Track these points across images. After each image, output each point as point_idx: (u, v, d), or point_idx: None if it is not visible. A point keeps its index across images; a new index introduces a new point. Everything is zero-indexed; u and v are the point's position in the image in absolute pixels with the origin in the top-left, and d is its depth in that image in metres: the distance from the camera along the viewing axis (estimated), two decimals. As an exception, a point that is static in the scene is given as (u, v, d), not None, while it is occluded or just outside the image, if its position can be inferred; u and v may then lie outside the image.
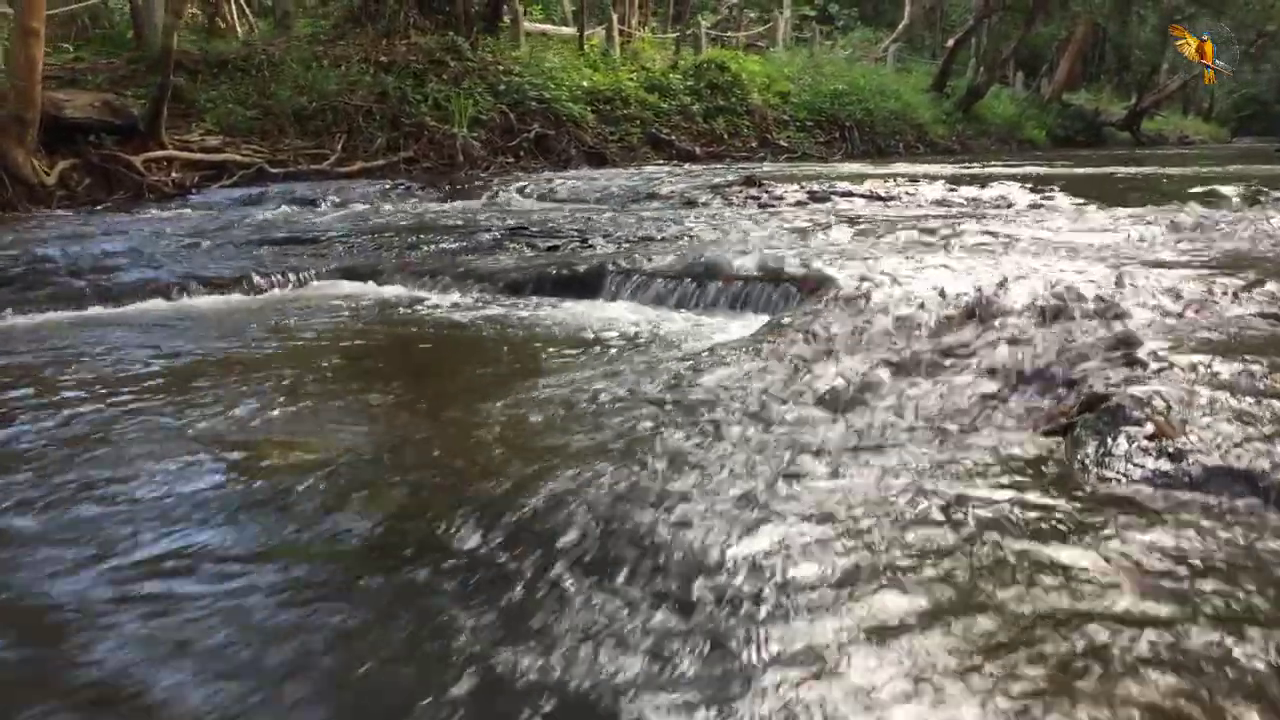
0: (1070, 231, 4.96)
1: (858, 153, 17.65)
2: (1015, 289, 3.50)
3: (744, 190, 7.69)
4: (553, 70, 14.05)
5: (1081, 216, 5.81)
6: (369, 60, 11.57)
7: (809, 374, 2.86)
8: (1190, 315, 3.14)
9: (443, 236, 5.58)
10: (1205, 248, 4.32)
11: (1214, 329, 2.89)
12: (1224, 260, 3.91)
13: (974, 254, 4.27)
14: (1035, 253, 4.23)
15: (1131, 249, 4.32)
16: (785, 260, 4.19)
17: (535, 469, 2.13)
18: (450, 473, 2.19)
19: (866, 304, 3.56)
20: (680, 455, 2.19)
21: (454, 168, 10.93)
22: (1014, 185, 7.16)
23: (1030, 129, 26.15)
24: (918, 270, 3.88)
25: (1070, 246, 4.45)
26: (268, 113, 10.43)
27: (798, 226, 5.67)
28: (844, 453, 2.21)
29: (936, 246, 4.61)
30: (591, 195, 8.35)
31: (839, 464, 2.13)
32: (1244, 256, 4.07)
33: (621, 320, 3.82)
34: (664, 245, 5.01)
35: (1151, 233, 4.74)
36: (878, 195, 7.26)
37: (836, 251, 4.45)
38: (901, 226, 5.44)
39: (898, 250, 4.47)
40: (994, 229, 5.08)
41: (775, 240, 5.02)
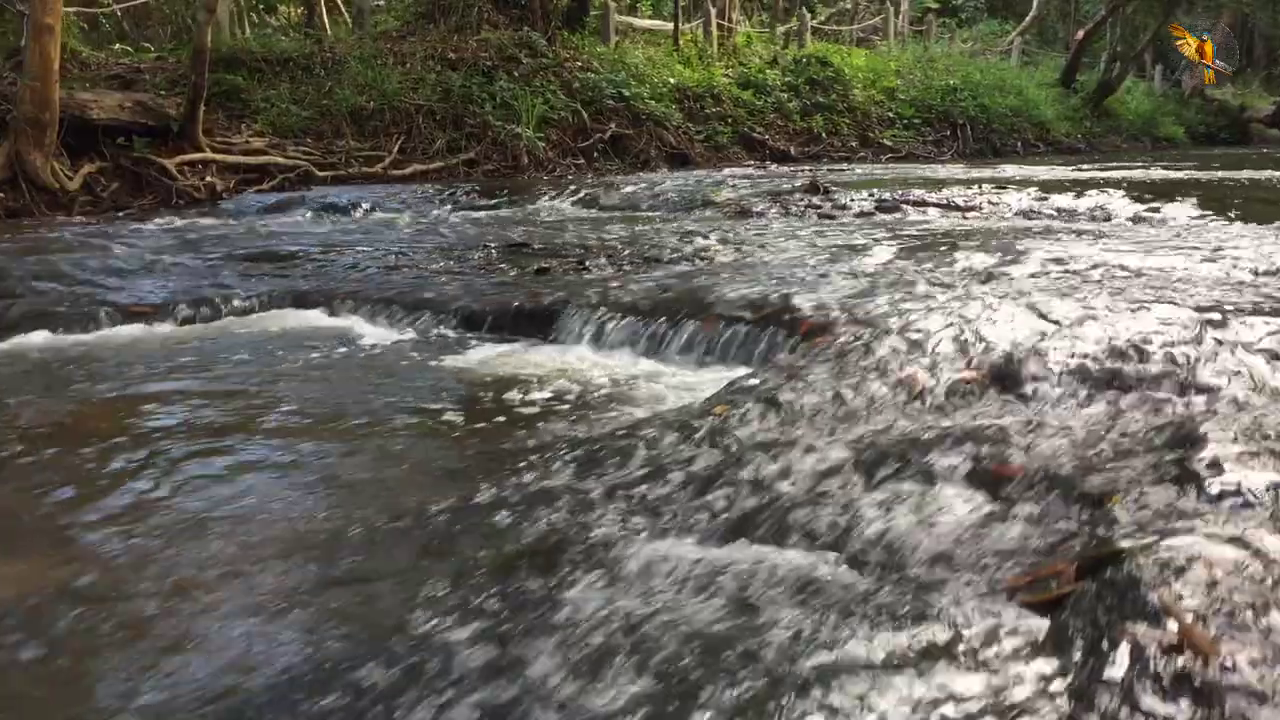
0: (1168, 254, 4.02)
1: (970, 153, 16.49)
2: (1064, 342, 2.65)
3: (806, 198, 6.87)
4: (637, 67, 13.37)
5: (1190, 234, 4.83)
6: (435, 57, 11.05)
7: (738, 473, 2.08)
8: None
9: (432, 255, 4.93)
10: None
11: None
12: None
13: (1035, 287, 3.41)
14: (1113, 287, 3.34)
15: (1241, 284, 3.40)
16: (792, 294, 3.39)
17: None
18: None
19: (864, 359, 2.75)
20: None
21: (518, 170, 10.33)
22: (1118, 193, 6.16)
23: (1167, 125, 24.41)
24: (951, 310, 3.05)
25: (1162, 278, 3.54)
26: (324, 113, 9.99)
27: (842, 244, 4.84)
28: (700, 643, 1.44)
29: (993, 274, 3.75)
30: (644, 202, 7.62)
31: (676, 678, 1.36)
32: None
33: (570, 371, 3.09)
34: (667, 269, 4.26)
35: (1274, 261, 3.78)
36: (955, 205, 6.35)
37: (865, 281, 3.63)
38: (963, 246, 4.57)
39: (941, 279, 3.62)
40: (1075, 250, 4.18)
41: (801, 263, 4.21)
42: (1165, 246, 4.29)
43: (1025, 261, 4.01)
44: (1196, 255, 3.95)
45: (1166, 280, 3.39)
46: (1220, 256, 3.91)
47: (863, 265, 4.09)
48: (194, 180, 7.94)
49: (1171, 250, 4.11)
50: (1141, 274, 3.64)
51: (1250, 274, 3.57)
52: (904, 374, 2.63)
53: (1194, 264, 3.76)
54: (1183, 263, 3.79)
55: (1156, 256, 3.96)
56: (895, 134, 15.85)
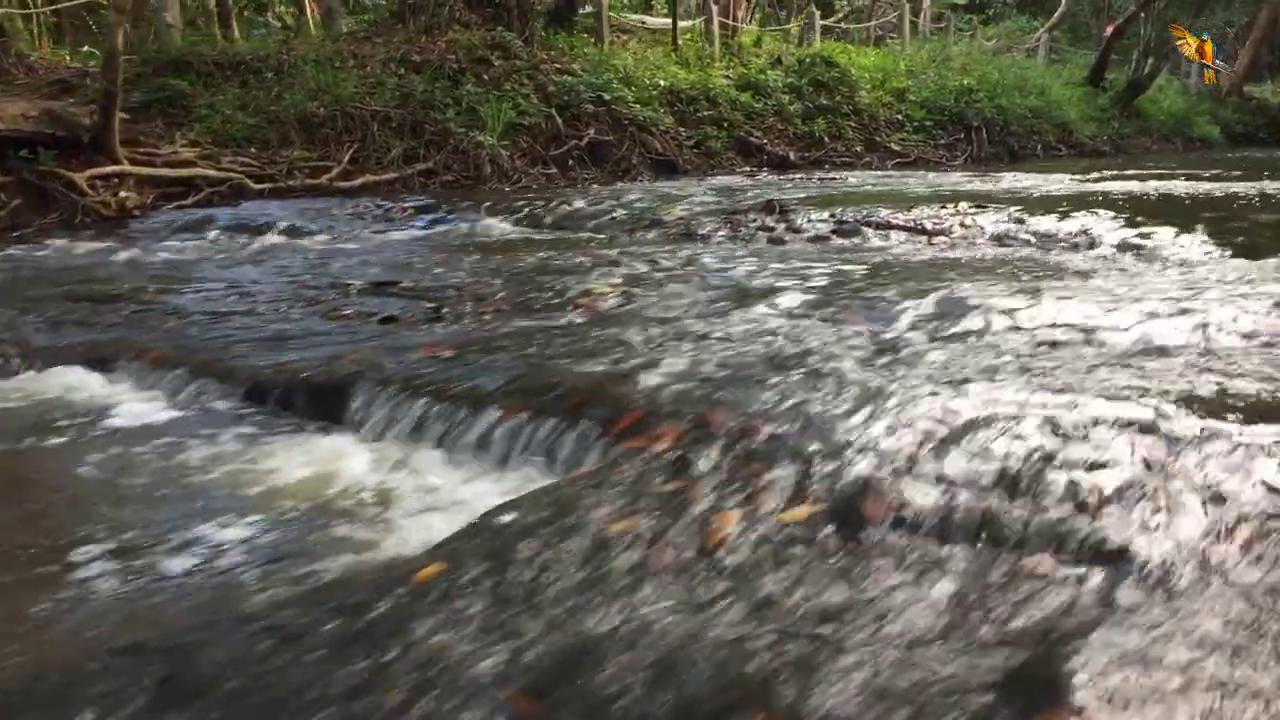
0: (1139, 306, 3.23)
1: (984, 157, 15.61)
2: (944, 461, 1.91)
3: (760, 219, 6.10)
4: (626, 68, 12.62)
5: (1177, 273, 4.03)
6: (397, 59, 10.35)
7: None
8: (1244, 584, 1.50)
9: (285, 296, 4.21)
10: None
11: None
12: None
13: (952, 360, 2.64)
14: (1051, 364, 2.56)
15: (1211, 363, 2.61)
16: (642, 366, 2.65)
17: None
18: None
19: (670, 480, 2.02)
20: None
21: (479, 181, 9.60)
22: (1109, 214, 5.34)
23: (1202, 125, 23.36)
24: (826, 401, 2.30)
25: (1119, 349, 2.76)
26: (272, 120, 9.32)
27: (763, 283, 4.07)
28: None
29: (909, 342, 2.97)
30: (589, 221, 6.88)
31: None
32: None
33: (323, 481, 2.36)
34: (534, 320, 3.51)
35: (1265, 325, 2.98)
36: (922, 228, 5.56)
37: (748, 346, 2.87)
38: (902, 288, 3.80)
39: (843, 345, 2.85)
40: (1031, 299, 3.40)
41: (691, 314, 3.44)
42: (1141, 293, 3.49)
43: (961, 317, 3.23)
44: (1174, 310, 3.15)
45: (1120, 356, 2.61)
46: (1202, 311, 3.11)
47: (765, 318, 3.33)
48: (105, 196, 7.28)
49: (1145, 300, 3.32)
50: (1096, 340, 2.85)
51: (1234, 341, 2.78)
52: (710, 514, 1.88)
53: (1166, 326, 2.97)
54: (1152, 325, 3.00)
55: (1125, 310, 3.17)
56: (904, 137, 15.00)
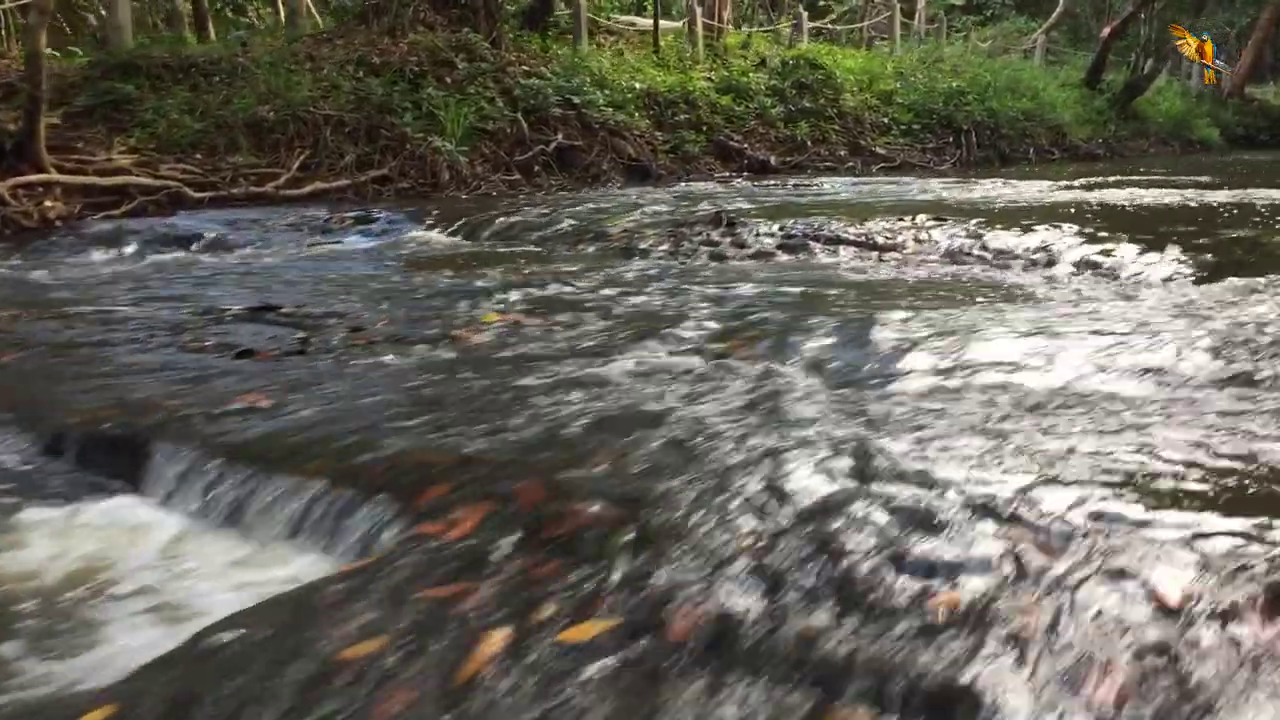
0: (1074, 341, 2.86)
1: (974, 161, 15.21)
2: (775, 562, 1.55)
3: (706, 232, 5.72)
4: (600, 70, 12.25)
5: (1130, 297, 3.65)
6: (355, 62, 9.98)
7: None
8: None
9: (161, 320, 3.83)
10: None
11: None
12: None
13: (832, 416, 2.26)
14: (949, 420, 2.18)
15: (1140, 405, 2.24)
16: (472, 430, 2.29)
17: None
18: None
19: (446, 581, 1.64)
20: None
21: (437, 188, 9.22)
22: (1073, 229, 4.95)
23: (1201, 128, 22.93)
24: (654, 475, 1.93)
25: (1035, 398, 2.38)
26: (221, 125, 8.96)
27: (677, 309, 3.70)
28: None
29: (792, 390, 2.59)
30: (532, 233, 6.50)
31: None
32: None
33: (80, 559, 1.99)
34: (402, 354, 3.13)
35: (1216, 366, 2.60)
36: (873, 243, 5.18)
37: (598, 399, 2.50)
38: (822, 311, 3.43)
39: (708, 396, 2.48)
40: (965, 337, 3.02)
41: (572, 354, 3.06)
42: (1083, 324, 3.11)
43: (867, 360, 2.85)
44: (1108, 348, 2.77)
45: (1029, 411, 2.22)
46: (1139, 350, 2.73)
47: (650, 359, 2.95)
48: (28, 206, 6.91)
49: (1082, 336, 2.94)
50: (1009, 389, 2.47)
51: (1162, 393, 2.40)
52: (477, 632, 1.51)
53: (1092, 370, 2.59)
54: (1077, 369, 2.62)
55: (1055, 348, 2.79)
56: (890, 141, 14.59)
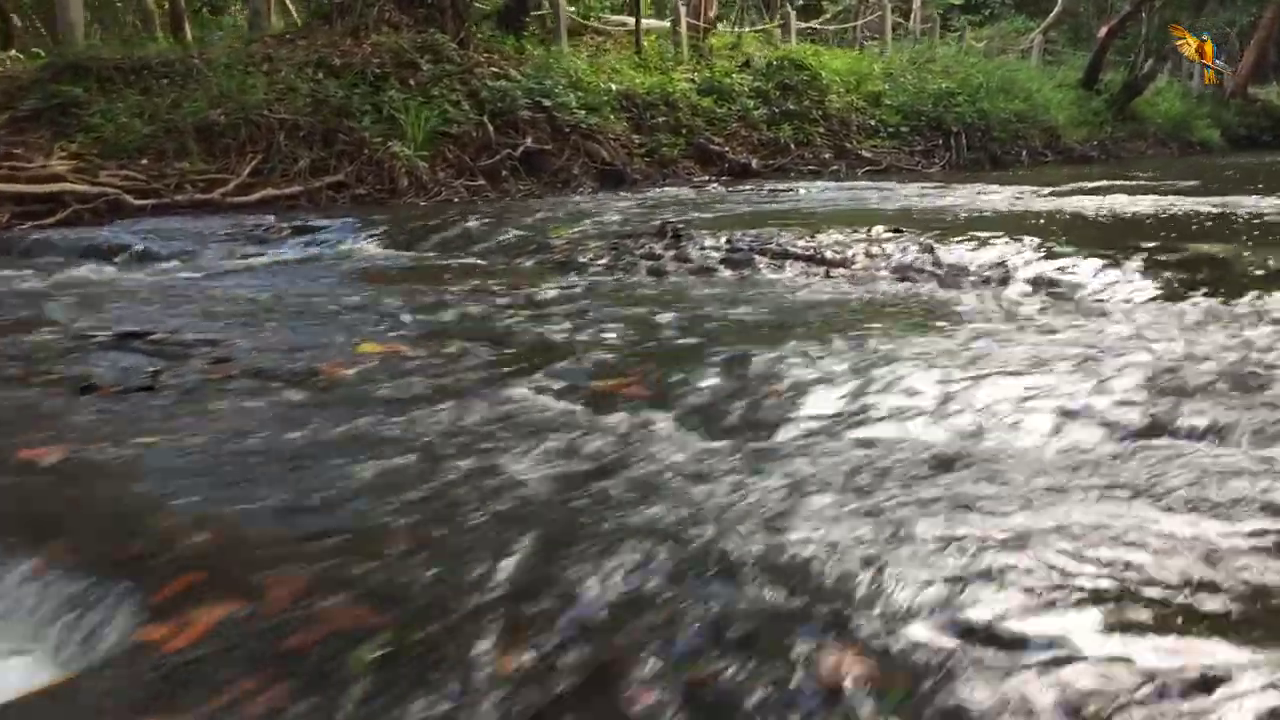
0: (1005, 379, 2.52)
1: (964, 163, 14.87)
2: None
3: (649, 245, 5.39)
4: (576, 72, 11.92)
5: (1080, 320, 3.31)
6: (314, 63, 9.66)
7: None
8: None
9: (6, 351, 3.52)
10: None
11: None
12: None
13: (674, 488, 1.92)
14: (807, 513, 1.83)
15: (1058, 470, 1.90)
16: (241, 496, 1.96)
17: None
18: None
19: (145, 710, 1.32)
20: None
21: (395, 194, 8.90)
22: (1034, 242, 4.60)
23: (1202, 129, 22.59)
24: (432, 573, 1.61)
25: (929, 453, 2.04)
26: (170, 129, 8.64)
27: (568, 342, 3.37)
28: None
29: (636, 452, 2.25)
30: (475, 244, 6.16)
31: None
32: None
33: None
34: (239, 401, 2.80)
35: (1137, 417, 2.25)
36: (821, 258, 4.84)
37: (425, 459, 2.17)
38: (735, 340, 3.10)
39: (540, 461, 2.14)
40: (858, 378, 2.69)
41: (435, 390, 2.72)
42: (1021, 356, 2.78)
43: (768, 400, 2.52)
44: (1040, 387, 2.44)
45: (916, 479, 1.88)
46: (1073, 390, 2.40)
47: (519, 404, 2.61)
48: (-49, 215, 6.61)
49: (1016, 372, 2.60)
50: (902, 446, 2.13)
51: (1082, 453, 2.06)
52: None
53: (1010, 420, 2.26)
54: (996, 418, 2.29)
55: (981, 388, 2.46)
56: (878, 143, 14.25)
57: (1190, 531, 1.57)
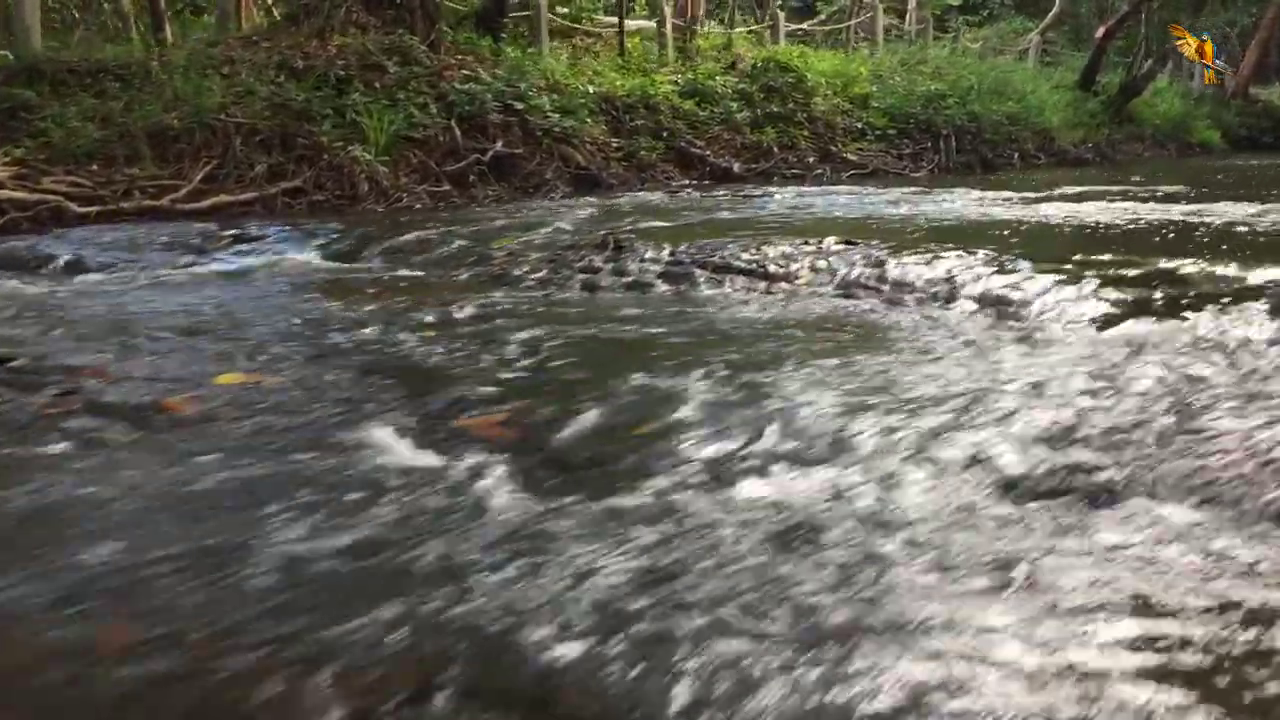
0: (916, 415, 2.26)
1: (954, 166, 14.56)
2: None
3: (588, 258, 5.12)
4: (553, 74, 11.65)
5: (1016, 348, 3.04)
6: (277, 66, 9.39)
7: None
8: None
9: None
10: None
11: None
12: None
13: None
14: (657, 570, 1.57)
15: (948, 526, 1.63)
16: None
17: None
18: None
19: None
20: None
21: (355, 200, 8.63)
22: (983, 258, 4.32)
23: (1201, 130, 22.24)
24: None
25: (782, 525, 1.77)
26: (123, 134, 8.38)
27: (461, 369, 3.10)
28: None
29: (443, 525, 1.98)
30: (417, 256, 5.89)
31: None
32: None
33: None
34: (55, 447, 2.54)
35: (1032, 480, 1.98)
36: (764, 272, 4.56)
37: (213, 526, 1.90)
38: (648, 363, 2.83)
39: (397, 512, 1.88)
40: (761, 408, 2.42)
41: (274, 436, 2.45)
42: (935, 391, 2.51)
43: (642, 445, 2.26)
44: (951, 430, 2.17)
45: (772, 558, 1.61)
46: (981, 439, 2.13)
47: (366, 446, 2.35)
48: (-122, 224, 6.36)
49: (931, 407, 2.34)
50: (761, 509, 1.86)
51: (980, 513, 1.79)
52: None
53: (901, 477, 1.99)
54: (885, 471, 2.02)
55: (886, 433, 2.20)
56: (864, 146, 13.95)
57: (1050, 660, 1.30)
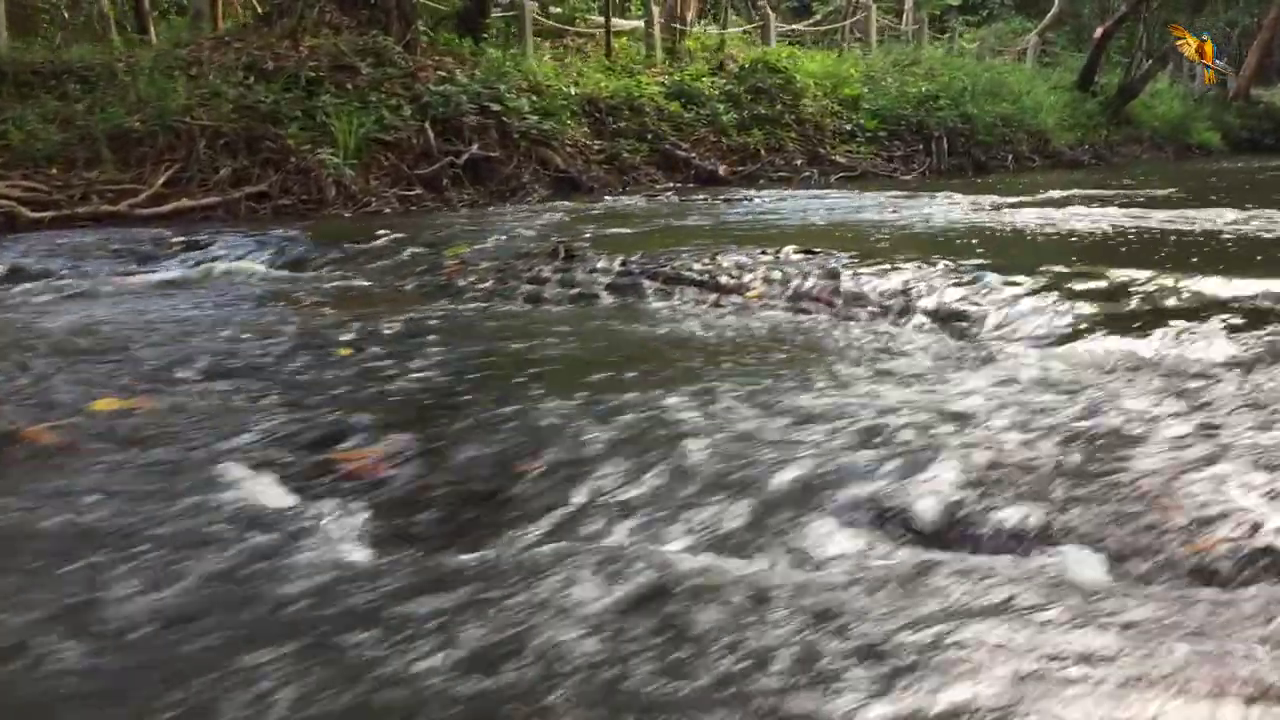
0: (793, 460, 2.04)
1: (945, 169, 14.34)
2: None
3: (537, 268, 4.90)
4: (536, 75, 11.45)
5: (967, 370, 2.82)
6: (246, 67, 9.20)
7: None
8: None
9: None
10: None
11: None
12: None
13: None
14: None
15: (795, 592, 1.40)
16: None
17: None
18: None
19: None
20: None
21: (322, 205, 8.43)
22: (942, 269, 4.10)
23: (1201, 131, 21.96)
24: None
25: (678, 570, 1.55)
26: (85, 136, 8.20)
27: (355, 393, 2.89)
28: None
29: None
30: (371, 263, 5.68)
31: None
32: None
33: None
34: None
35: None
36: (715, 283, 4.34)
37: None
38: (556, 388, 2.62)
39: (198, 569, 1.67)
40: (652, 449, 2.21)
41: (135, 468, 2.26)
42: (871, 419, 2.30)
43: (517, 489, 2.04)
44: (862, 478, 1.95)
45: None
46: (889, 488, 1.91)
47: (213, 484, 2.14)
48: None
49: (859, 443, 2.13)
50: (640, 595, 1.64)
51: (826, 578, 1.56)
52: None
53: (769, 539, 1.77)
54: (768, 525, 1.81)
55: (812, 469, 1.98)
56: (854, 149, 13.73)
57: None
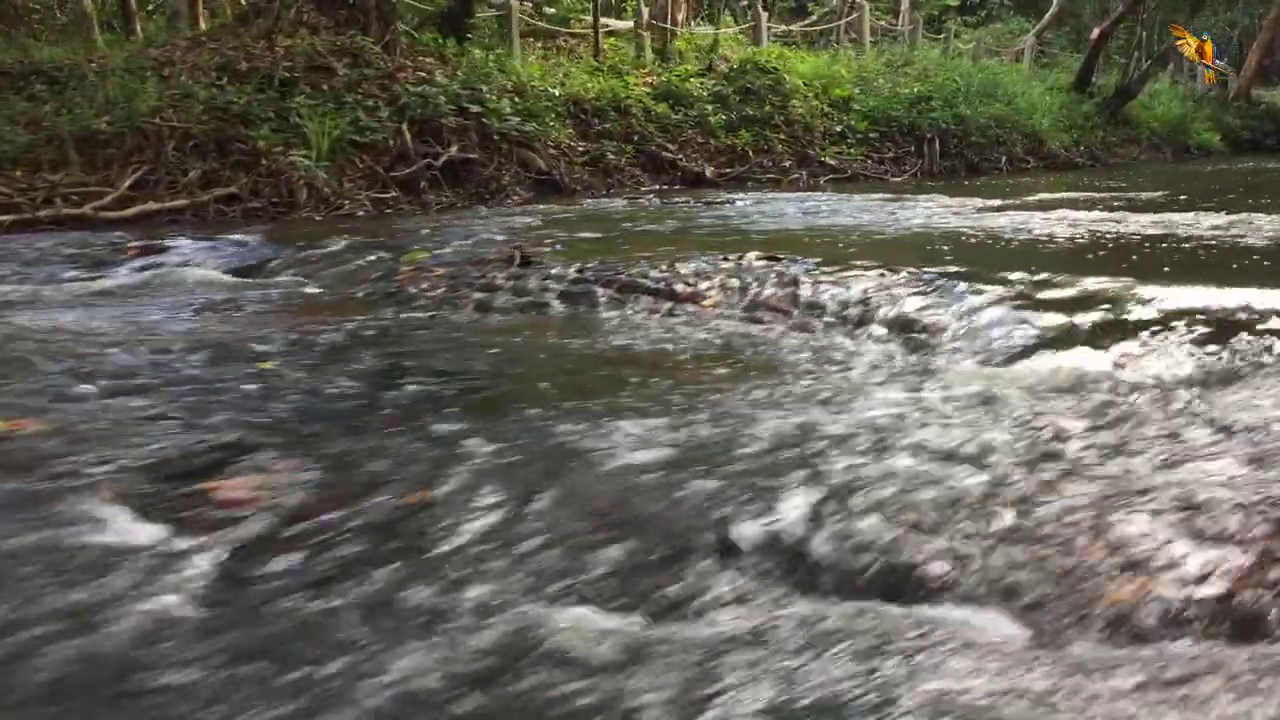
0: (678, 486, 1.87)
1: (937, 171, 14.14)
2: None
3: (492, 274, 4.73)
4: (519, 76, 11.27)
5: (916, 390, 2.64)
6: (219, 68, 9.02)
7: None
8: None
9: None
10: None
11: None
12: None
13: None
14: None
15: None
16: None
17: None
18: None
19: None
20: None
21: (294, 208, 8.26)
22: (904, 278, 3.92)
23: (1200, 132, 21.74)
24: None
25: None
26: (52, 138, 8.04)
27: (264, 415, 2.72)
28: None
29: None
30: (327, 269, 5.53)
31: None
32: None
33: None
34: None
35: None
36: (671, 291, 4.16)
37: None
38: (482, 410, 2.45)
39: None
40: (544, 484, 2.04)
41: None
42: (774, 440, 2.13)
43: (402, 521, 1.88)
44: (796, 500, 1.79)
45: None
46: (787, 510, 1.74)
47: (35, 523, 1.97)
48: None
49: (774, 479, 1.95)
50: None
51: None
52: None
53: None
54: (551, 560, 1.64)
55: (721, 502, 1.81)
56: (844, 150, 13.53)
57: None
